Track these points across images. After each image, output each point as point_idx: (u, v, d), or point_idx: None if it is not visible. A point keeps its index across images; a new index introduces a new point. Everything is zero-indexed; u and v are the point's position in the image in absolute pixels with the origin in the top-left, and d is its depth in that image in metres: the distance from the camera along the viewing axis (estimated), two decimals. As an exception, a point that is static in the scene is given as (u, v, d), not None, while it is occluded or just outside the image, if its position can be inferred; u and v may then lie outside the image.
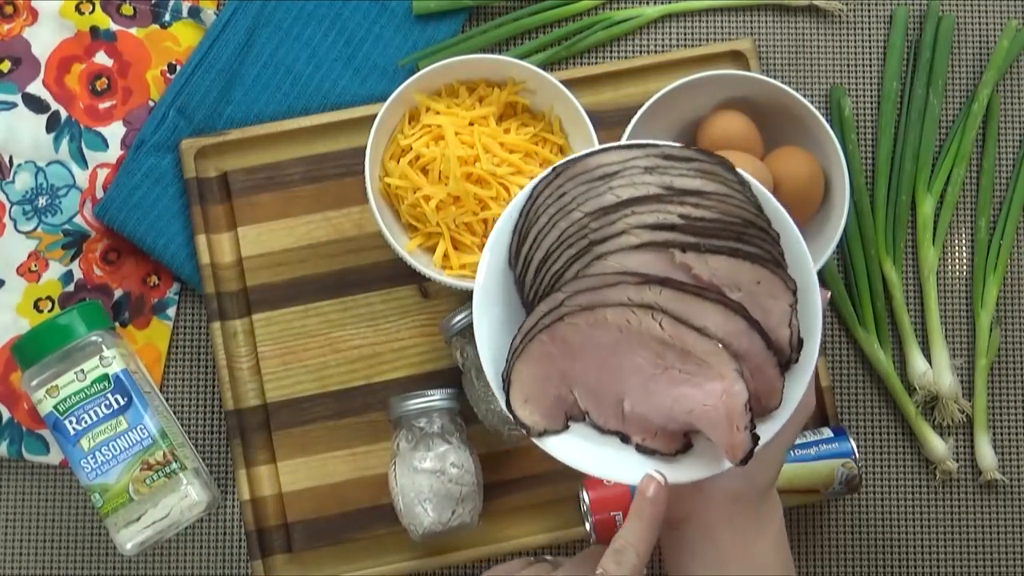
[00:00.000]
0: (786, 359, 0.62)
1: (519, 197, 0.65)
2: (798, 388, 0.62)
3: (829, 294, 0.65)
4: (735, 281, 0.61)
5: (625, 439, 0.64)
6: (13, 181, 0.91)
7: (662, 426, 0.63)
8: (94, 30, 0.93)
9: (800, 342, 0.62)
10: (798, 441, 0.86)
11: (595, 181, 0.63)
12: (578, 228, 0.62)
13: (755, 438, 0.59)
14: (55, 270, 0.91)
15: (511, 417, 0.64)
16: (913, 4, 0.95)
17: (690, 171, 0.62)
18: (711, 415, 0.61)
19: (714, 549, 0.65)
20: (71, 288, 0.91)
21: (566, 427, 0.65)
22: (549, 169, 0.64)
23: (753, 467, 0.62)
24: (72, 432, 0.83)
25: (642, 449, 0.64)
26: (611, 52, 0.95)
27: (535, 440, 0.64)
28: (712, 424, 0.61)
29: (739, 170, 0.63)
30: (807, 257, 0.63)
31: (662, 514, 0.63)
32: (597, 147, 0.63)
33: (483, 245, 0.84)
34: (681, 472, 0.63)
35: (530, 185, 0.64)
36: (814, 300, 0.62)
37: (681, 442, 0.63)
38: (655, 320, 0.60)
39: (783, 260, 0.62)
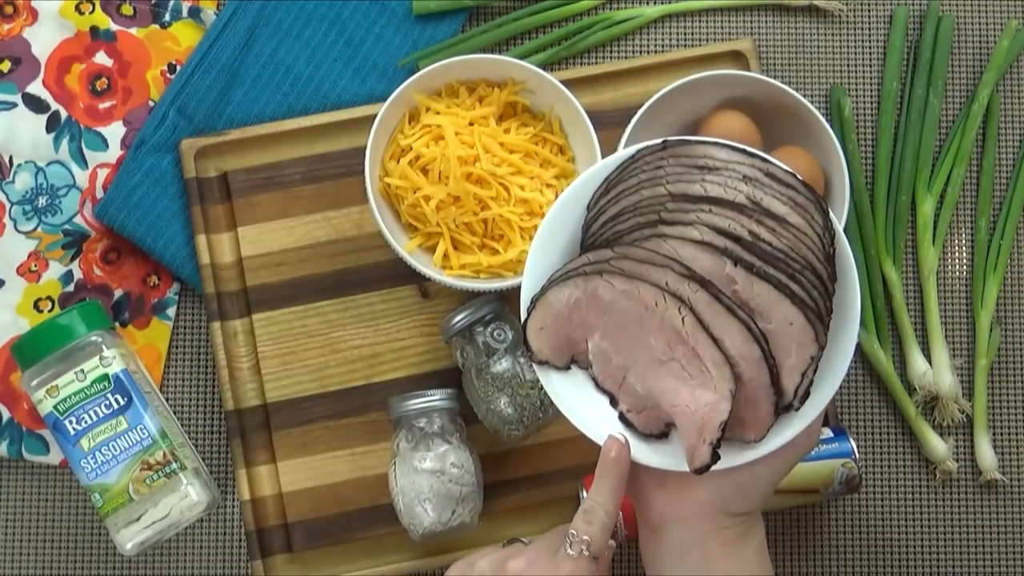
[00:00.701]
0: (786, 403, 0.63)
1: (623, 153, 0.66)
2: (787, 432, 0.63)
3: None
4: (770, 313, 0.62)
5: (614, 403, 0.66)
6: (13, 181, 0.91)
7: (649, 407, 0.65)
8: (94, 30, 0.93)
9: (807, 395, 0.62)
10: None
11: (693, 168, 0.64)
12: (657, 202, 0.64)
13: (716, 456, 0.61)
14: (55, 270, 0.91)
15: (523, 338, 0.67)
16: (913, 4, 0.95)
17: (783, 196, 0.63)
18: (689, 418, 0.63)
19: (701, 553, 0.65)
20: (71, 288, 0.91)
21: (567, 368, 0.67)
22: (659, 140, 0.66)
23: (751, 486, 0.65)
24: (72, 432, 0.83)
25: (624, 419, 0.66)
26: (611, 52, 0.95)
27: (535, 365, 0.67)
28: (686, 426, 0.63)
29: (832, 217, 0.63)
30: (856, 325, 0.63)
31: (626, 473, 0.66)
32: (710, 138, 0.65)
33: (483, 245, 0.84)
34: (647, 455, 0.65)
35: (636, 147, 0.66)
36: (841, 364, 0.63)
37: (659, 429, 0.65)
38: (680, 313, 0.62)
39: (827, 315, 0.63)
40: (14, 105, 0.92)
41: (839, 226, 0.64)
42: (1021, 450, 0.92)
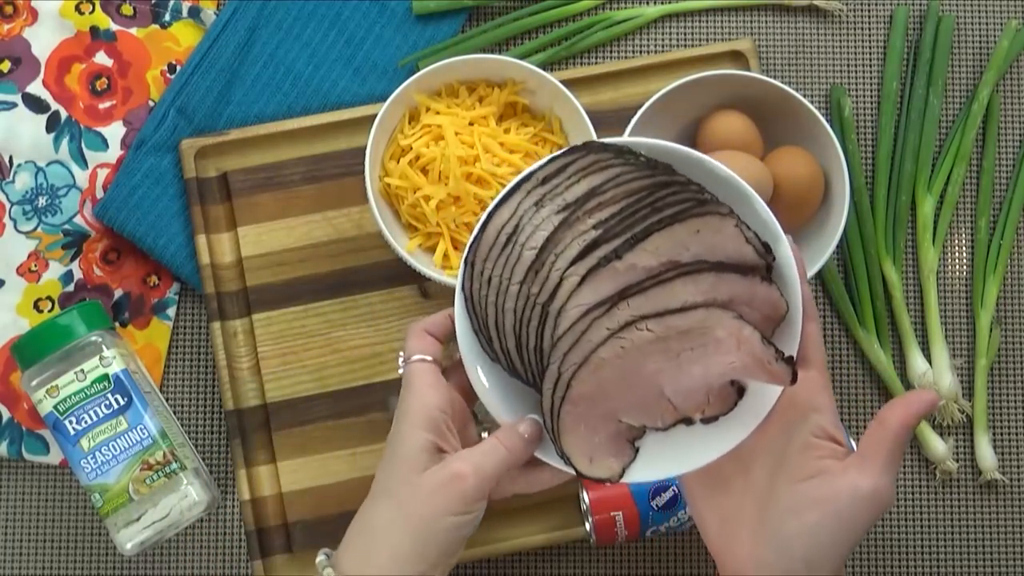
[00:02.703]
0: (766, 265, 0.61)
1: (457, 293, 0.63)
2: (792, 280, 0.61)
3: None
4: (680, 245, 0.60)
5: (688, 421, 0.63)
6: (13, 181, 0.91)
7: (710, 394, 0.62)
8: (94, 30, 0.93)
9: (766, 244, 0.61)
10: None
11: (504, 248, 0.61)
12: (524, 300, 0.61)
13: (789, 360, 0.59)
14: (55, 270, 0.91)
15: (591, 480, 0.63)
16: (913, 4, 0.95)
17: (572, 177, 0.61)
18: (744, 368, 0.60)
19: None
20: (71, 288, 0.91)
21: (636, 451, 0.64)
22: (463, 265, 0.63)
23: (794, 517, 0.59)
24: (72, 432, 0.83)
25: (706, 420, 0.63)
26: (611, 52, 0.95)
27: (623, 481, 0.63)
28: (750, 373, 0.60)
29: (606, 139, 0.61)
30: (726, 171, 0.62)
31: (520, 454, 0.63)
32: (483, 215, 0.62)
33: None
34: (747, 419, 0.62)
35: (457, 288, 0.63)
36: (755, 207, 0.62)
37: (735, 395, 0.62)
38: (640, 330, 0.60)
39: (705, 192, 0.61)
40: (14, 105, 0.92)
41: (617, 139, 0.62)
42: (1021, 450, 0.92)
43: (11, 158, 0.91)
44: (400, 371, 0.66)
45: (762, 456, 0.62)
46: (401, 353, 0.64)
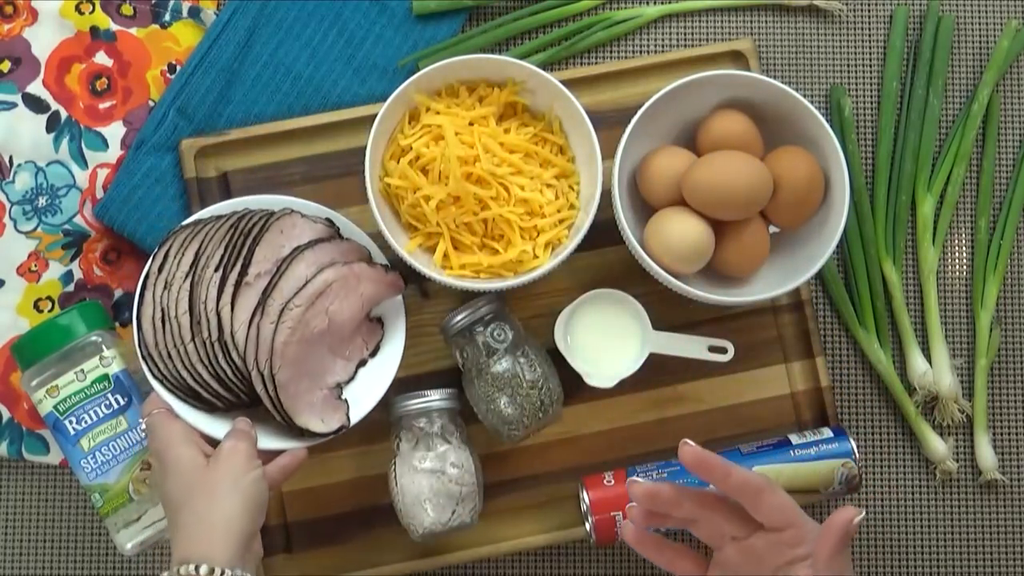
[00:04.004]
0: (337, 232, 0.84)
1: (164, 395, 0.80)
2: (358, 234, 0.85)
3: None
4: (277, 247, 0.81)
5: (363, 363, 0.85)
6: (13, 181, 0.91)
7: (362, 334, 0.85)
8: (94, 30, 0.93)
9: (328, 219, 0.84)
10: (798, 441, 0.86)
11: (164, 328, 0.79)
12: (204, 348, 0.79)
13: (391, 266, 0.85)
14: (55, 270, 0.91)
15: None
16: (913, 4, 0.95)
17: (177, 255, 0.80)
18: (372, 293, 0.84)
19: None
20: (71, 288, 0.91)
21: (346, 401, 0.83)
22: (144, 363, 0.80)
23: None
24: (72, 432, 0.83)
25: (374, 353, 0.85)
26: (611, 52, 0.95)
27: (352, 424, 0.82)
28: (378, 293, 0.84)
29: (182, 223, 0.82)
30: (279, 197, 0.84)
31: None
32: (133, 324, 0.80)
33: (483, 245, 0.84)
34: (397, 334, 0.86)
35: (153, 382, 0.79)
36: (307, 208, 0.84)
37: (379, 325, 0.86)
38: (291, 310, 0.79)
39: (272, 211, 0.83)
40: (14, 105, 0.92)
41: (191, 217, 0.82)
42: (1021, 450, 0.92)
43: (11, 158, 0.91)
44: (143, 430, 0.82)
45: None
46: (141, 420, 0.80)
